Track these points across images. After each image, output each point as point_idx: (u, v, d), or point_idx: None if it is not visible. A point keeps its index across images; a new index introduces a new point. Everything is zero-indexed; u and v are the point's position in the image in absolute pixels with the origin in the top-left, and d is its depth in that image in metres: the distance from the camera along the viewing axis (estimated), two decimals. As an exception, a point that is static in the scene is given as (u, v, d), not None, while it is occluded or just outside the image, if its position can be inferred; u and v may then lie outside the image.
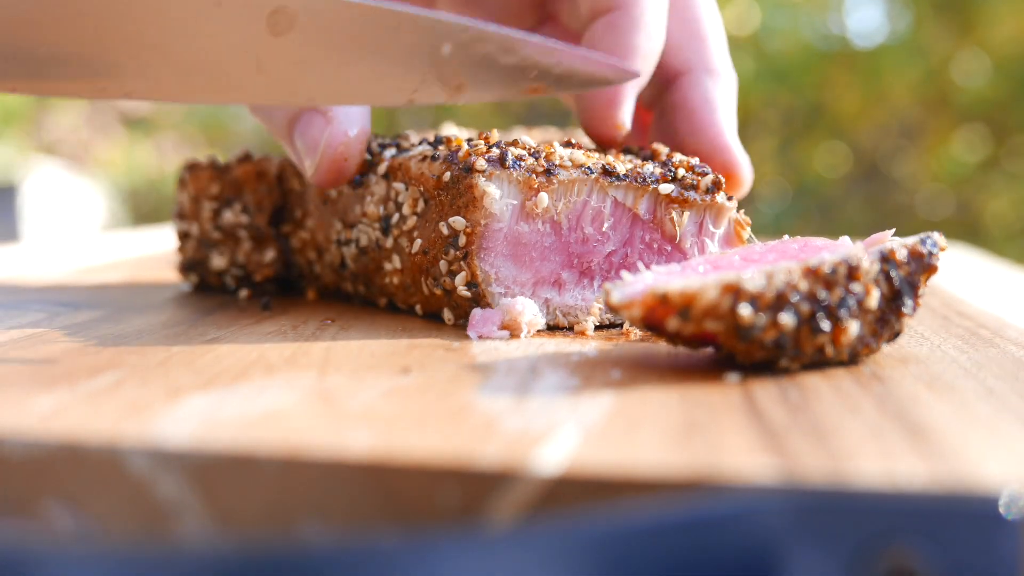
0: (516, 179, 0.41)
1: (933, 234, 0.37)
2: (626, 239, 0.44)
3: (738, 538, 0.22)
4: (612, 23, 0.47)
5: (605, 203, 0.43)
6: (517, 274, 0.42)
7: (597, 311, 0.43)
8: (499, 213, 0.41)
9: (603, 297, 0.34)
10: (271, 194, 0.53)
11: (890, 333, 0.35)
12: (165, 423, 0.27)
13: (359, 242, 0.47)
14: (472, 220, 0.41)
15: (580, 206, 0.42)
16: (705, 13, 0.51)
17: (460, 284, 0.42)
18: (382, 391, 0.31)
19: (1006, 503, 0.22)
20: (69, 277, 0.63)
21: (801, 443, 0.25)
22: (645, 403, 0.29)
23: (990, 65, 3.15)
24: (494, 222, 0.41)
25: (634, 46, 0.46)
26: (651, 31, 0.47)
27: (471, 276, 0.41)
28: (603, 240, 0.43)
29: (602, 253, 0.43)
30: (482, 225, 0.41)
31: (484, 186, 0.41)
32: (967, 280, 0.66)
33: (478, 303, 0.42)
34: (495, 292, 0.42)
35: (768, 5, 3.40)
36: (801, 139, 3.35)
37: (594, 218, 0.43)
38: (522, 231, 0.42)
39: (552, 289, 0.43)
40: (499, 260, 0.42)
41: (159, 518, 0.25)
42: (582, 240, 0.43)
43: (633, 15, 0.47)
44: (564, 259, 0.43)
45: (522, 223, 0.42)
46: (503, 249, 0.42)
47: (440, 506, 0.24)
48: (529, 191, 0.41)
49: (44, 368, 0.34)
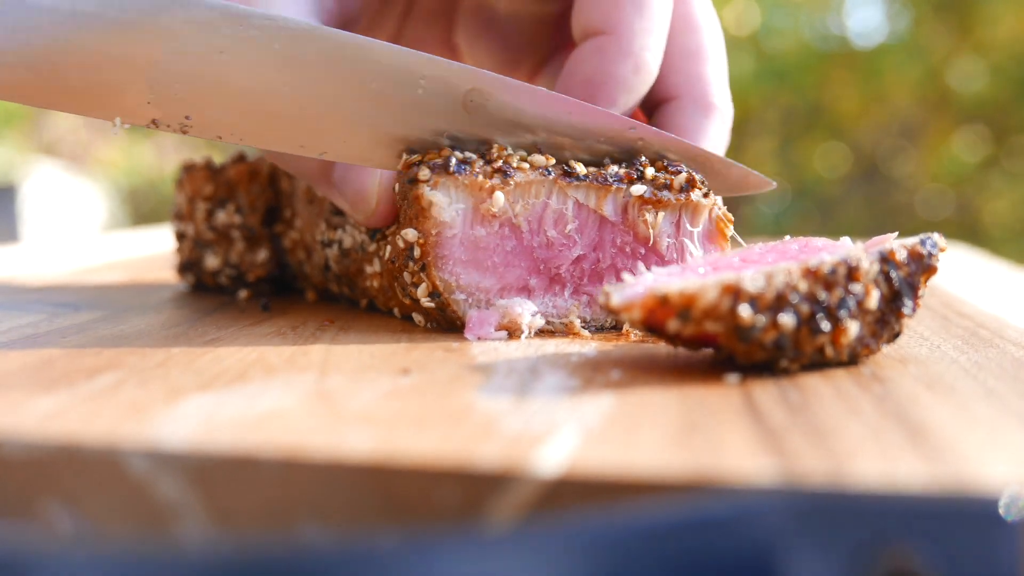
0: (463, 183, 0.40)
1: (933, 235, 0.37)
2: (595, 243, 0.42)
3: (738, 539, 0.22)
4: (600, 47, 0.44)
5: (567, 205, 0.42)
6: (480, 280, 0.41)
7: (577, 320, 0.42)
8: (450, 220, 0.40)
9: (603, 300, 0.34)
10: (264, 194, 0.53)
11: (890, 334, 0.35)
12: (164, 424, 0.27)
13: (342, 244, 0.47)
14: (423, 231, 0.40)
15: (540, 208, 0.41)
16: (708, 40, 0.48)
17: (423, 296, 0.41)
18: (382, 392, 0.31)
19: (1006, 504, 0.22)
20: (69, 277, 0.63)
21: (801, 444, 0.25)
22: (645, 404, 0.29)
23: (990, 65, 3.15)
24: (446, 230, 0.40)
25: (618, 77, 0.44)
26: (640, 63, 0.44)
27: (432, 287, 0.41)
28: (569, 244, 0.42)
29: (569, 258, 0.42)
30: (434, 235, 0.40)
31: (429, 195, 0.40)
32: (967, 280, 0.66)
33: (444, 312, 0.41)
34: (459, 299, 0.41)
35: (768, 5, 3.40)
36: (801, 139, 3.36)
37: (556, 221, 0.42)
38: (479, 235, 0.41)
39: (520, 296, 0.42)
40: (458, 268, 0.41)
41: (158, 519, 0.25)
42: (546, 244, 0.42)
43: (623, 43, 0.44)
44: (529, 264, 0.42)
45: (477, 227, 0.41)
46: (461, 255, 0.41)
47: (440, 507, 0.24)
48: (480, 193, 0.40)
49: (43, 369, 0.34)
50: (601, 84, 0.44)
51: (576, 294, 0.43)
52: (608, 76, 0.44)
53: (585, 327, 0.42)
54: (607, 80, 0.44)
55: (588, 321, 0.43)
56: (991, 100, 3.17)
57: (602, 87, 0.44)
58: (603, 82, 0.44)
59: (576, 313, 0.42)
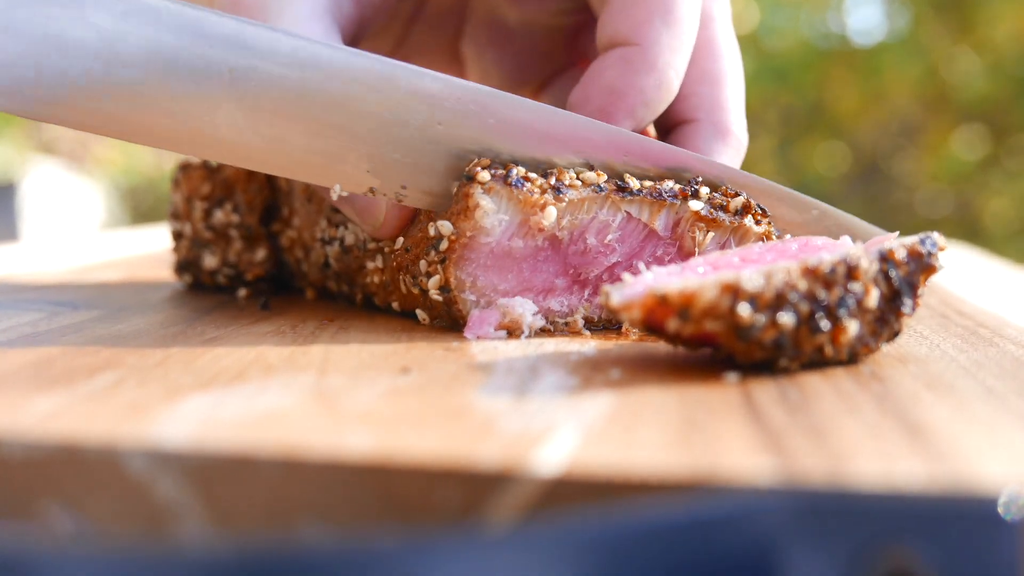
0: (516, 197, 0.40)
1: (932, 234, 0.37)
2: (634, 252, 0.42)
3: (737, 539, 0.22)
4: (626, 57, 0.44)
5: (615, 217, 0.42)
6: (497, 283, 0.41)
7: (580, 319, 0.42)
8: (489, 227, 0.40)
9: (602, 299, 0.34)
10: (261, 193, 0.53)
11: (889, 333, 0.35)
12: (164, 424, 0.27)
13: (344, 240, 0.47)
14: (460, 228, 0.40)
15: (588, 221, 0.41)
16: (729, 66, 0.48)
17: (433, 287, 0.41)
18: (381, 391, 0.31)
19: (1005, 504, 0.22)
20: (67, 276, 0.63)
21: (800, 443, 0.25)
22: (644, 403, 0.29)
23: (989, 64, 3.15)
24: (482, 235, 0.40)
25: (641, 88, 0.43)
26: (664, 80, 0.44)
27: (445, 281, 0.41)
28: (606, 252, 0.42)
29: (604, 265, 0.42)
30: (468, 236, 0.40)
31: (479, 198, 0.40)
32: (966, 279, 0.66)
33: (449, 308, 0.41)
34: (467, 299, 0.41)
35: (768, 4, 3.40)
36: (801, 138, 3.36)
37: (599, 231, 0.42)
38: (514, 247, 0.41)
39: (538, 296, 0.42)
40: (479, 271, 0.41)
41: (158, 519, 0.25)
42: (583, 251, 0.42)
43: (649, 56, 0.43)
44: (560, 268, 0.42)
45: (516, 239, 0.41)
46: (486, 261, 0.41)
47: (439, 506, 0.24)
48: (530, 208, 0.40)
49: (42, 368, 0.34)
50: (623, 94, 0.43)
51: (595, 295, 0.43)
52: (631, 87, 0.43)
53: (589, 327, 0.42)
54: (629, 91, 0.43)
55: (595, 321, 0.43)
56: (991, 99, 3.17)
57: (623, 97, 0.43)
58: (625, 92, 0.43)
59: (582, 312, 0.42)
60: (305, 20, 0.43)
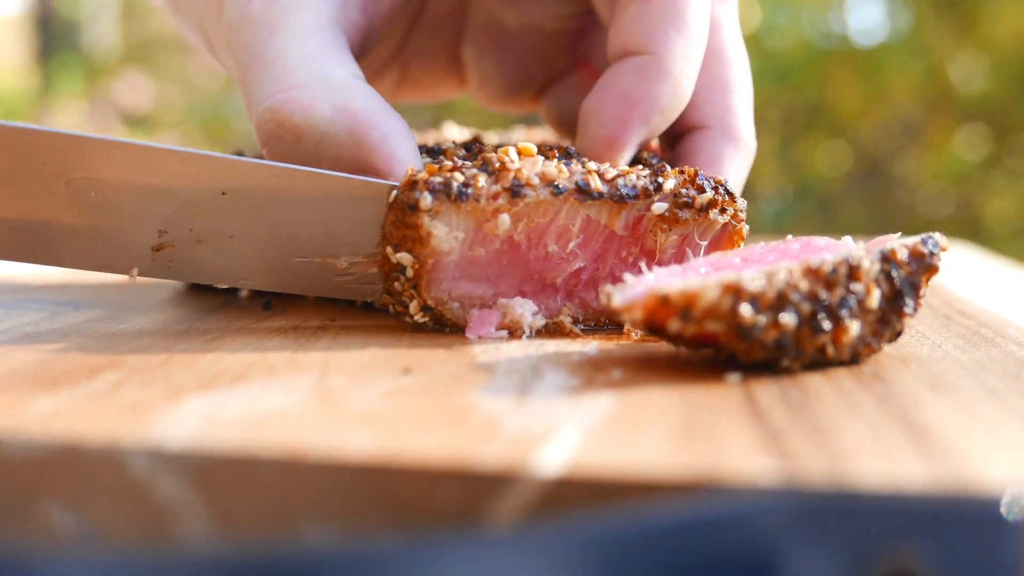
0: (465, 210, 0.39)
1: (934, 234, 0.37)
2: (597, 255, 0.42)
3: (739, 539, 0.22)
4: (641, 66, 0.44)
5: (575, 221, 0.41)
6: (473, 290, 0.41)
7: (567, 319, 0.42)
8: (448, 249, 0.39)
9: (604, 300, 0.34)
10: None
11: (891, 333, 0.35)
12: (165, 424, 0.27)
13: None
14: (420, 257, 0.39)
15: (545, 224, 0.40)
16: (738, 74, 0.48)
17: (415, 311, 0.41)
18: (383, 392, 0.31)
19: (1008, 504, 0.22)
20: (69, 276, 0.63)
21: (802, 444, 0.25)
22: (646, 403, 0.29)
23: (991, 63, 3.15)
24: (444, 257, 0.39)
25: (655, 96, 0.43)
26: (678, 88, 0.44)
27: (423, 302, 0.40)
28: (568, 259, 0.41)
29: (567, 271, 0.41)
30: (431, 262, 0.39)
31: (429, 227, 0.38)
32: (968, 279, 0.65)
33: (440, 320, 0.41)
34: (454, 308, 0.41)
35: (769, 3, 3.40)
36: (802, 137, 3.35)
37: (559, 236, 0.41)
38: (477, 255, 0.40)
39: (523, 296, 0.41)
40: (452, 285, 0.40)
41: (159, 519, 0.25)
42: (543, 257, 0.41)
43: (664, 64, 0.43)
44: (523, 275, 0.41)
45: (477, 247, 0.40)
46: (455, 274, 0.40)
47: (441, 507, 0.24)
48: (485, 216, 0.39)
49: (43, 368, 0.34)
50: (639, 102, 0.43)
51: (569, 298, 0.42)
52: (646, 94, 0.43)
53: (577, 326, 0.42)
54: (645, 98, 0.43)
55: (580, 321, 0.42)
56: (993, 98, 3.17)
57: (639, 105, 0.43)
58: (641, 100, 0.43)
59: (567, 312, 0.42)
60: (311, 30, 0.42)
